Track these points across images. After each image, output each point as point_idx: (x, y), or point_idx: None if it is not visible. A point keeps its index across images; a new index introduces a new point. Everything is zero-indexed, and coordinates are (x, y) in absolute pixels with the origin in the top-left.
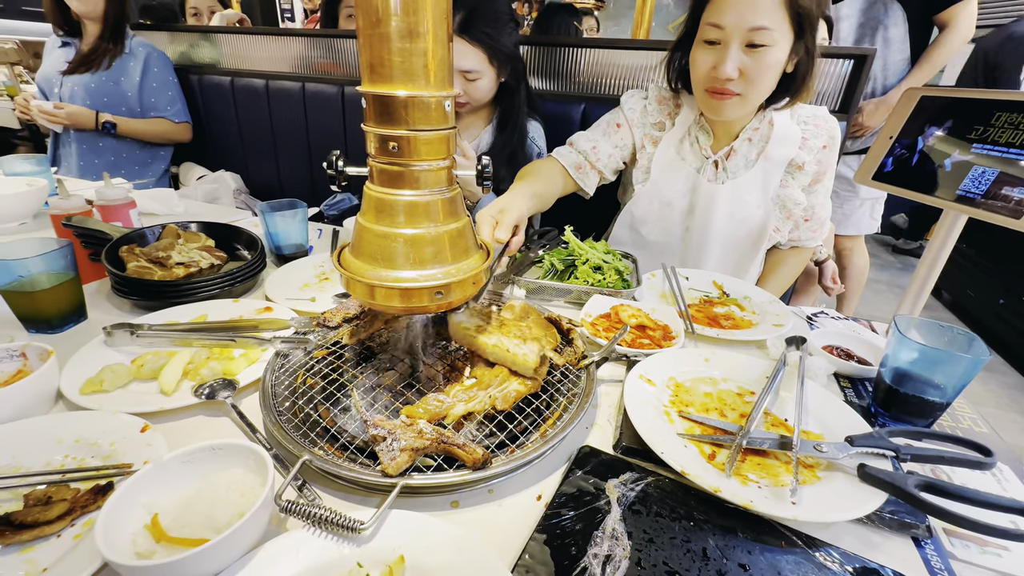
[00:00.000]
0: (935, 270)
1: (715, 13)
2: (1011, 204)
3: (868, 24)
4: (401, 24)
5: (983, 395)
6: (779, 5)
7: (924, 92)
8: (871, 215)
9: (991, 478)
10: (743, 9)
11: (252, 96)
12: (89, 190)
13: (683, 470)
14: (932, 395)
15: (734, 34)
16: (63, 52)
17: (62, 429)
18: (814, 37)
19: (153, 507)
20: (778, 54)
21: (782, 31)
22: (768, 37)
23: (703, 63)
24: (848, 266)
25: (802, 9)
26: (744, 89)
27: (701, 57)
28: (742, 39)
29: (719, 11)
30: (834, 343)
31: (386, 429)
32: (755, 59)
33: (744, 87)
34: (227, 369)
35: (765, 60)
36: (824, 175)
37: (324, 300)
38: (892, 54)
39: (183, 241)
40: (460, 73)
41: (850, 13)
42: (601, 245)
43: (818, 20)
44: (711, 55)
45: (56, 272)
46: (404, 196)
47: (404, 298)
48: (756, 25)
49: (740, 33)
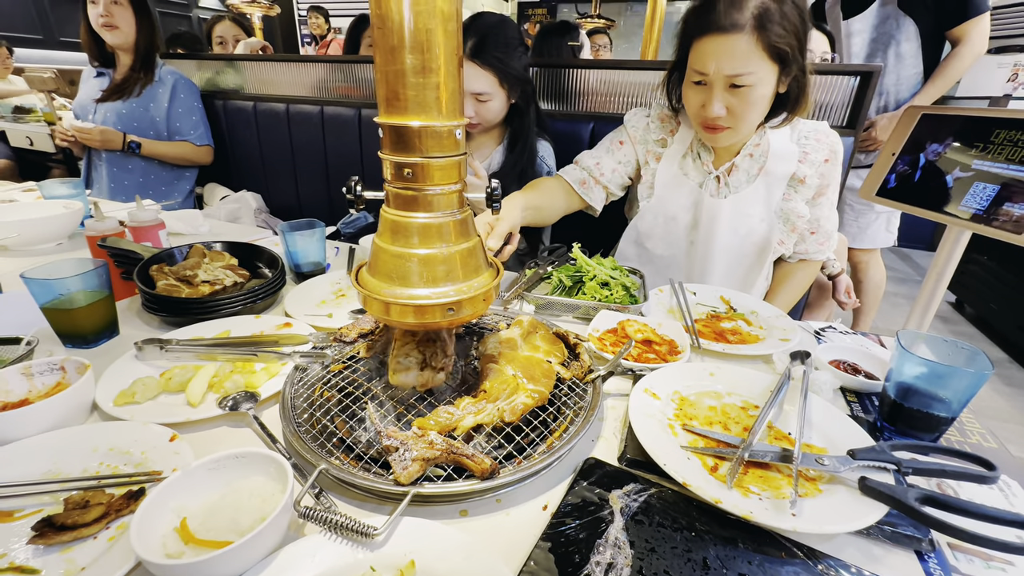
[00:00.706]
0: (941, 285)
1: (698, 61)
2: (1012, 219)
3: (880, 39)
4: (415, 61)
5: (1008, 412)
6: (755, 49)
7: (926, 110)
8: (887, 228)
9: (998, 493)
10: (721, 59)
11: (273, 119)
12: (121, 211)
13: (685, 481)
14: (937, 409)
15: (716, 78)
16: (98, 82)
17: (97, 438)
18: (802, 61)
19: (181, 511)
20: (762, 90)
21: (763, 70)
22: (749, 79)
23: (694, 102)
24: (864, 280)
25: (779, 48)
26: (733, 123)
27: (691, 96)
28: (724, 82)
29: (701, 60)
30: (841, 358)
31: (398, 440)
32: (740, 98)
33: (733, 122)
34: (249, 382)
35: (750, 98)
36: (828, 188)
37: (341, 316)
38: (905, 69)
39: (208, 260)
40: (472, 95)
41: (862, 28)
42: (608, 261)
43: (800, 49)
44: (700, 95)
45: (92, 290)
46: (418, 219)
47: (418, 314)
48: (734, 72)
49: (722, 75)
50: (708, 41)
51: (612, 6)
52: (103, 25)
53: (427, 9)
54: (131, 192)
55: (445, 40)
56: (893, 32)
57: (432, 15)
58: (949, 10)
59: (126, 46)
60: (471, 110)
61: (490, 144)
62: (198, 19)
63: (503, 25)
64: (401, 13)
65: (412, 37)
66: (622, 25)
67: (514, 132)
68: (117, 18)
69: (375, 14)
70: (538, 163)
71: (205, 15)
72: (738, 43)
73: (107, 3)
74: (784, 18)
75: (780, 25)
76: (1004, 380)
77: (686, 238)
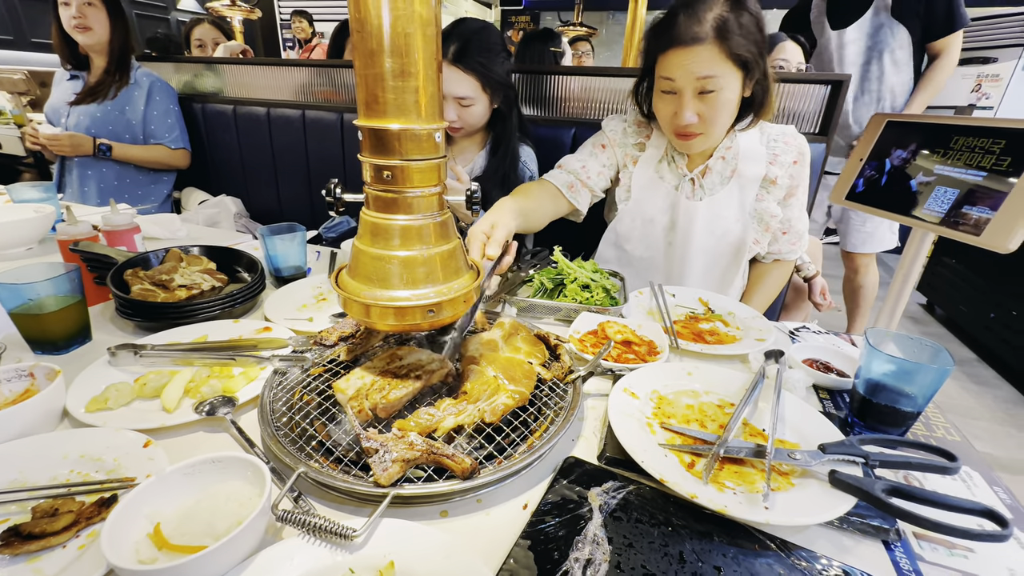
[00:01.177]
0: (909, 284)
1: (666, 69)
2: (972, 222)
3: (875, 48)
4: (394, 65)
5: (978, 409)
6: (719, 57)
7: (891, 117)
8: (890, 229)
9: (961, 483)
10: (689, 64)
11: (254, 123)
12: (95, 216)
13: (662, 478)
14: (903, 404)
15: (686, 85)
16: (71, 84)
17: (68, 445)
18: (763, 66)
19: (155, 517)
20: (728, 95)
21: (728, 75)
22: (716, 83)
23: (665, 112)
24: (864, 284)
25: (741, 54)
26: (705, 129)
27: (662, 106)
28: (694, 88)
29: (669, 68)
30: (814, 356)
31: (378, 442)
32: (708, 103)
33: (704, 127)
34: (227, 387)
35: (718, 102)
36: (797, 188)
37: (321, 320)
38: (901, 75)
39: (185, 264)
40: (455, 99)
41: (857, 37)
42: (589, 264)
43: (761, 55)
44: (670, 104)
45: (63, 295)
46: (398, 221)
47: (398, 316)
48: (703, 75)
49: (691, 83)
50: (673, 54)
51: (594, 15)
52: (76, 27)
53: (405, 14)
54: (105, 196)
55: (424, 44)
56: (887, 40)
57: (410, 20)
58: (937, 21)
59: (100, 48)
60: (453, 114)
61: (473, 148)
62: (176, 22)
63: (485, 31)
64: (380, 17)
65: (391, 41)
66: (604, 33)
67: (496, 137)
68: (90, 19)
69: (354, 18)
70: (520, 168)
71: (184, 18)
72: (701, 53)
73: (80, 4)
74: (742, 27)
75: (739, 34)
76: (972, 378)
77: (664, 239)
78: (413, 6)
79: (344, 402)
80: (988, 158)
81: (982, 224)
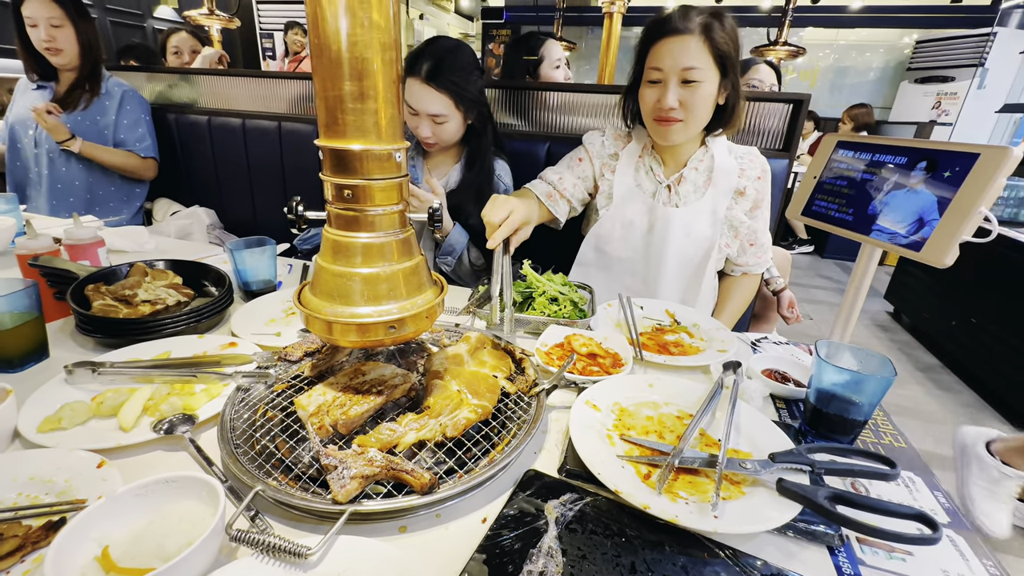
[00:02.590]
0: (860, 297)
1: (655, 59)
2: (915, 238)
3: None
4: (353, 88)
5: (940, 414)
6: (703, 50)
7: (840, 137)
8: None
9: (904, 489)
10: (676, 54)
11: (229, 134)
12: (57, 228)
13: (617, 489)
14: (852, 413)
15: (671, 73)
16: (38, 95)
17: (17, 467)
18: (736, 76)
19: (104, 540)
20: (708, 88)
21: (709, 70)
22: (698, 75)
23: (650, 98)
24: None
25: (722, 53)
26: (685, 116)
27: (648, 94)
28: (678, 77)
29: (658, 57)
30: (773, 367)
31: (337, 459)
32: (690, 92)
33: (684, 114)
34: (187, 404)
35: (699, 92)
36: (762, 202)
37: (289, 335)
38: None
39: (150, 279)
40: (428, 116)
41: None
42: (558, 278)
43: (736, 61)
44: (655, 91)
45: (20, 312)
46: (360, 238)
47: (360, 332)
48: (687, 65)
49: (676, 72)
50: (664, 43)
51: (574, 29)
52: (47, 50)
53: (364, 40)
54: (76, 208)
55: (383, 68)
56: None
57: (369, 45)
58: None
59: (70, 67)
60: (428, 131)
61: (448, 162)
62: (153, 30)
63: (458, 50)
64: (339, 43)
65: (350, 65)
66: (583, 47)
67: (471, 152)
68: (60, 41)
69: (313, 43)
70: (495, 182)
71: (160, 26)
72: (689, 42)
73: (48, 28)
74: (724, 30)
75: (721, 35)
76: (936, 384)
77: (643, 241)
78: (372, 32)
79: (305, 418)
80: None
81: (922, 240)
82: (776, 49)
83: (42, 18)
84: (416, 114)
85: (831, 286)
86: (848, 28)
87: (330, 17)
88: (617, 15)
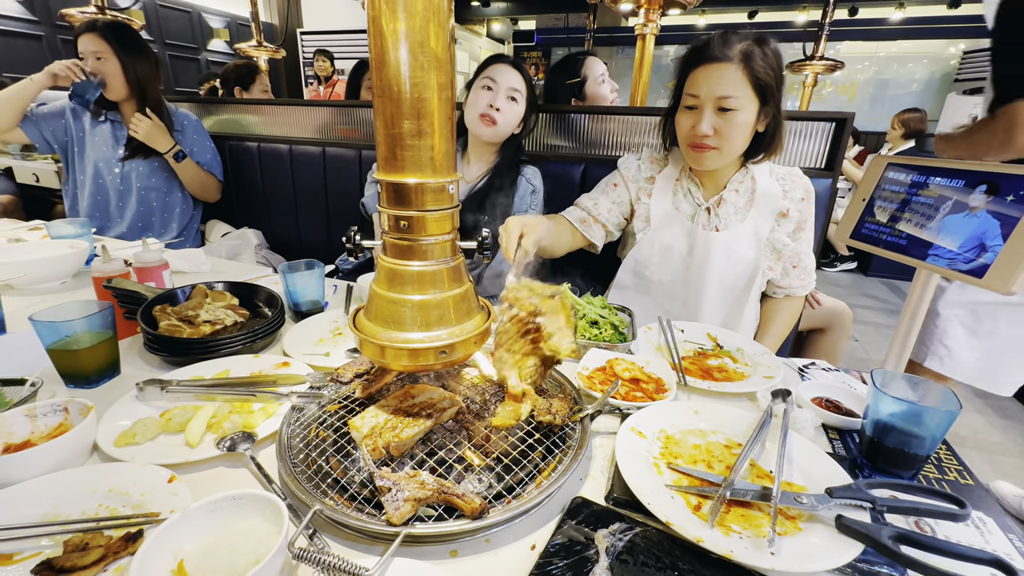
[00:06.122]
0: (916, 324)
1: (692, 85)
2: (976, 264)
3: None
4: (412, 127)
5: (1005, 444)
6: (742, 78)
7: (890, 159)
8: None
9: (974, 530)
10: (713, 83)
11: (277, 160)
12: (127, 250)
13: (668, 521)
14: (913, 447)
15: (707, 101)
16: (108, 127)
17: (97, 480)
18: (778, 104)
19: (179, 553)
20: (745, 116)
21: (747, 98)
22: (735, 103)
23: (685, 124)
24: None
25: (762, 81)
26: (719, 143)
27: (683, 120)
28: (714, 104)
29: (695, 84)
30: (823, 395)
31: (391, 480)
32: (725, 120)
33: (719, 142)
34: (247, 422)
35: (734, 121)
36: (806, 224)
37: (337, 354)
38: None
39: (210, 300)
40: (507, 90)
41: None
42: (598, 300)
43: (778, 89)
44: (691, 118)
45: (97, 331)
46: (413, 267)
47: (411, 357)
48: (723, 94)
49: (711, 100)
50: (702, 70)
51: (604, 49)
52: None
53: (422, 82)
54: (147, 234)
55: (440, 106)
56: None
57: (428, 86)
58: None
59: (120, 97)
60: (502, 102)
61: (481, 166)
62: (206, 61)
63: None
64: (400, 85)
65: (410, 105)
66: (614, 67)
67: (500, 165)
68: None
69: (377, 85)
70: (524, 183)
71: (213, 58)
72: (727, 71)
73: (93, 61)
74: (765, 57)
75: (762, 62)
76: (998, 412)
77: (683, 265)
78: (430, 74)
79: (359, 440)
80: None
81: (985, 266)
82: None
83: (89, 52)
84: (491, 88)
85: (877, 306)
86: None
87: (392, 60)
88: (650, 37)
